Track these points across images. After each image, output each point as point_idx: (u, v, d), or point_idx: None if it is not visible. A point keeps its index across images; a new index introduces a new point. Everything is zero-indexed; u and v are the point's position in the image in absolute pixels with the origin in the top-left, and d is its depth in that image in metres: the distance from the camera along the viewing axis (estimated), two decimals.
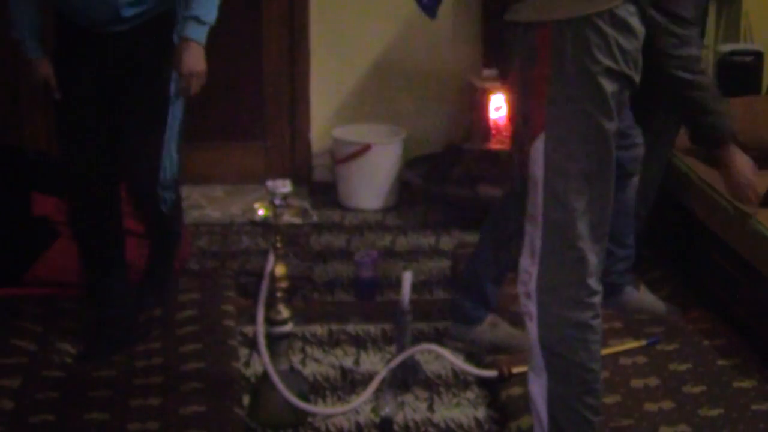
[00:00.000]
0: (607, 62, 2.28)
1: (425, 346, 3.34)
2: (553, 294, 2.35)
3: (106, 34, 3.23)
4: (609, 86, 2.29)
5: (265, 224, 3.00)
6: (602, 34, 2.27)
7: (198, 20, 3.20)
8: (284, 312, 3.03)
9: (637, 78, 2.37)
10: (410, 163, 4.85)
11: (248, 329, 3.46)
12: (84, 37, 3.25)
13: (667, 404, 3.08)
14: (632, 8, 2.33)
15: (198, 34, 3.21)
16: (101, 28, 3.23)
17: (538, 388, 2.41)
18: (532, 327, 2.38)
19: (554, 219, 2.34)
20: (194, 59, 3.21)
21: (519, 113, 2.42)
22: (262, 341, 2.97)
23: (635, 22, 2.33)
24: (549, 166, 2.32)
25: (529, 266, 2.38)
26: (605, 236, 2.41)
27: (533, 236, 2.37)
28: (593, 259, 2.36)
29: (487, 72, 4.79)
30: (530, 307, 2.38)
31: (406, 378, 3.22)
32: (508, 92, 2.40)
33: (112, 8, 3.17)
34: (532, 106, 2.34)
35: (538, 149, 2.33)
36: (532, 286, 2.36)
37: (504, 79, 4.47)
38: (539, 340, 2.37)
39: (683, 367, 3.30)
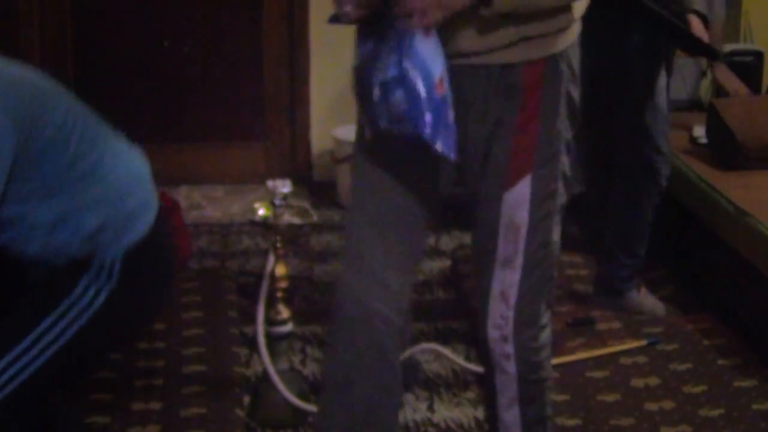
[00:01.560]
0: (580, 87, 2.25)
1: (425, 346, 3.34)
2: (528, 329, 2.31)
3: None
4: (580, 110, 2.27)
5: (265, 224, 3.00)
6: (575, 60, 2.22)
7: None
8: (284, 312, 3.03)
9: None
10: None
11: (248, 329, 3.46)
12: None
13: (667, 404, 3.08)
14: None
15: None
16: None
17: (512, 417, 2.37)
18: (510, 366, 2.32)
19: (537, 259, 2.26)
20: None
21: (482, 152, 2.21)
22: (262, 341, 2.97)
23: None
24: (535, 209, 2.22)
25: (504, 311, 2.29)
26: None
27: (508, 280, 2.27)
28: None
29: None
30: (507, 349, 2.31)
31: (406, 378, 3.22)
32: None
33: None
34: (513, 149, 2.19)
35: (521, 193, 2.21)
36: (509, 329, 2.29)
37: None
38: (518, 376, 2.33)
39: (683, 367, 3.30)
